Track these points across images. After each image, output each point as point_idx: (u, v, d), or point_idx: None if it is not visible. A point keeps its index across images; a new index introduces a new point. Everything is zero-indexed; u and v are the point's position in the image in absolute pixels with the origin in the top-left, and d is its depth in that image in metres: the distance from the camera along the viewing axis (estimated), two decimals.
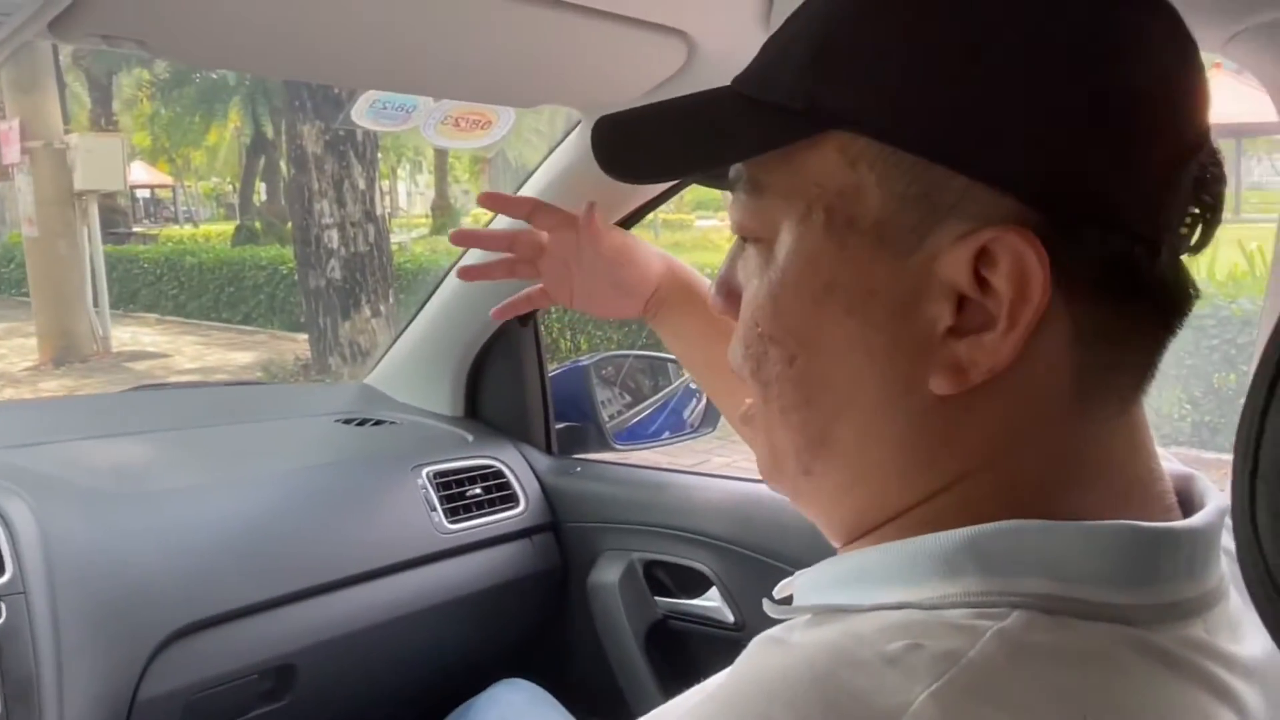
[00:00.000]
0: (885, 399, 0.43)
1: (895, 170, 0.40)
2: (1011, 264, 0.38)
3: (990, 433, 0.42)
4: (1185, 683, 0.38)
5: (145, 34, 0.77)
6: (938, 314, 0.41)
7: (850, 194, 0.42)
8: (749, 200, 0.46)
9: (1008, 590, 0.39)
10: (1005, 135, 0.39)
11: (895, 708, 0.34)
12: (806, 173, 0.43)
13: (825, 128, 0.42)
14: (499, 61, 0.97)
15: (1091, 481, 0.42)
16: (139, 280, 13.12)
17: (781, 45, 0.46)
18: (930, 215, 0.40)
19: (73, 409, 1.73)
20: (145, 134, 18.36)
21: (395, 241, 8.20)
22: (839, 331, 0.43)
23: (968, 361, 0.40)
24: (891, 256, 0.41)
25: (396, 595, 1.30)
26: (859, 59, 0.41)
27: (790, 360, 0.45)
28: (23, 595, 1.00)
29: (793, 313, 0.44)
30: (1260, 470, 0.33)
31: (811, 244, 0.43)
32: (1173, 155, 0.40)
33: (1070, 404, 0.41)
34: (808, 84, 0.42)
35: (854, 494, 0.46)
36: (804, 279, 0.44)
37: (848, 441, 0.45)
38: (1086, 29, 0.39)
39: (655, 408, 1.66)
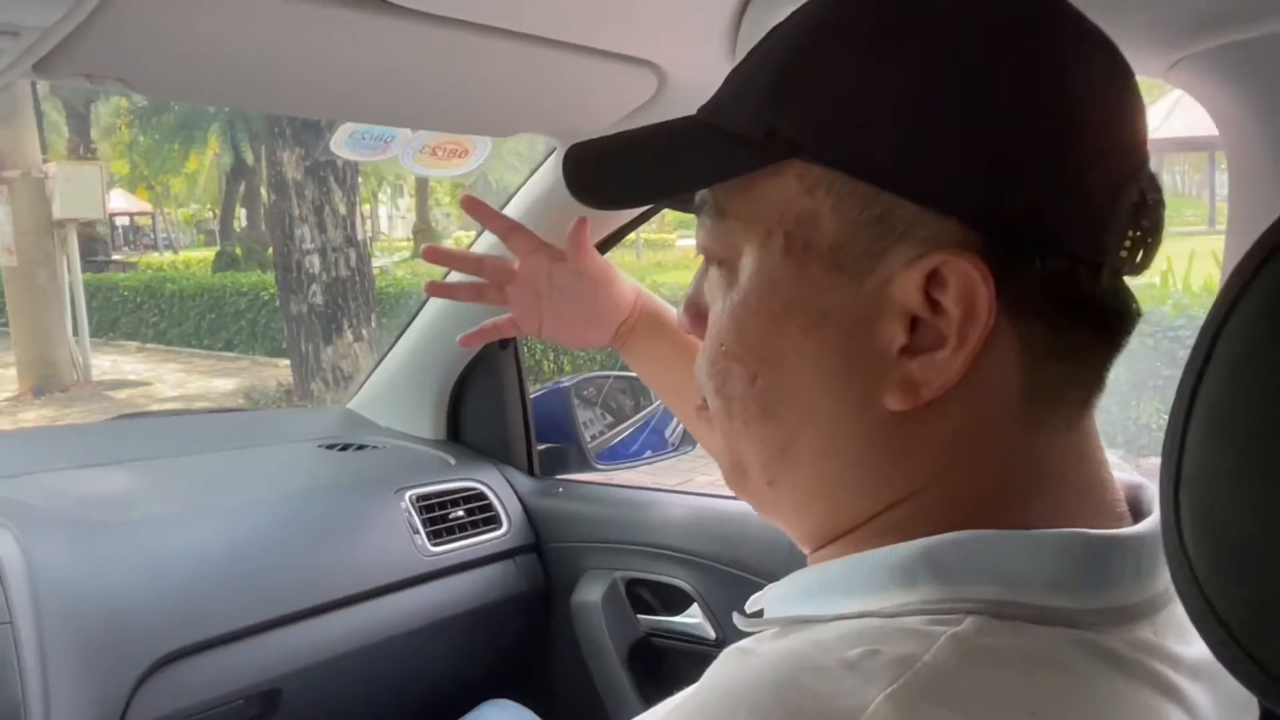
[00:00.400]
0: (842, 415, 0.44)
1: (849, 197, 0.42)
2: (959, 286, 0.40)
3: (943, 446, 0.44)
4: (1133, 682, 0.40)
5: (127, 72, 0.79)
6: (892, 334, 0.42)
7: (808, 219, 0.43)
8: (713, 224, 0.48)
9: (961, 597, 0.40)
10: (948, 164, 0.41)
11: (852, 709, 0.35)
12: (766, 199, 0.45)
13: (783, 157, 0.44)
14: (475, 93, 0.99)
15: (1043, 492, 0.44)
16: (119, 308, 13.05)
17: (742, 78, 0.48)
18: (882, 240, 0.42)
19: (56, 439, 1.73)
20: (124, 161, 18.30)
21: (377, 265, 8.21)
22: (797, 350, 0.45)
23: (920, 379, 0.42)
24: (847, 279, 0.43)
25: (381, 618, 1.31)
26: (812, 92, 0.43)
27: (752, 378, 0.46)
28: (9, 625, 1.00)
29: (753, 332, 0.46)
30: (1183, 479, 0.35)
31: (771, 267, 0.45)
32: (1110, 181, 0.42)
33: (1019, 419, 0.43)
34: (766, 115, 0.44)
35: (815, 504, 0.48)
36: (764, 300, 0.45)
37: (808, 454, 0.46)
38: (1023, 63, 0.42)
39: (636, 427, 1.68)
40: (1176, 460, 0.35)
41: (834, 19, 0.45)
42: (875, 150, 0.42)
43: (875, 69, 0.42)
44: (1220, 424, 0.33)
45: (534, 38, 0.87)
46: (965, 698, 0.37)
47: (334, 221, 6.65)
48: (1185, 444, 0.34)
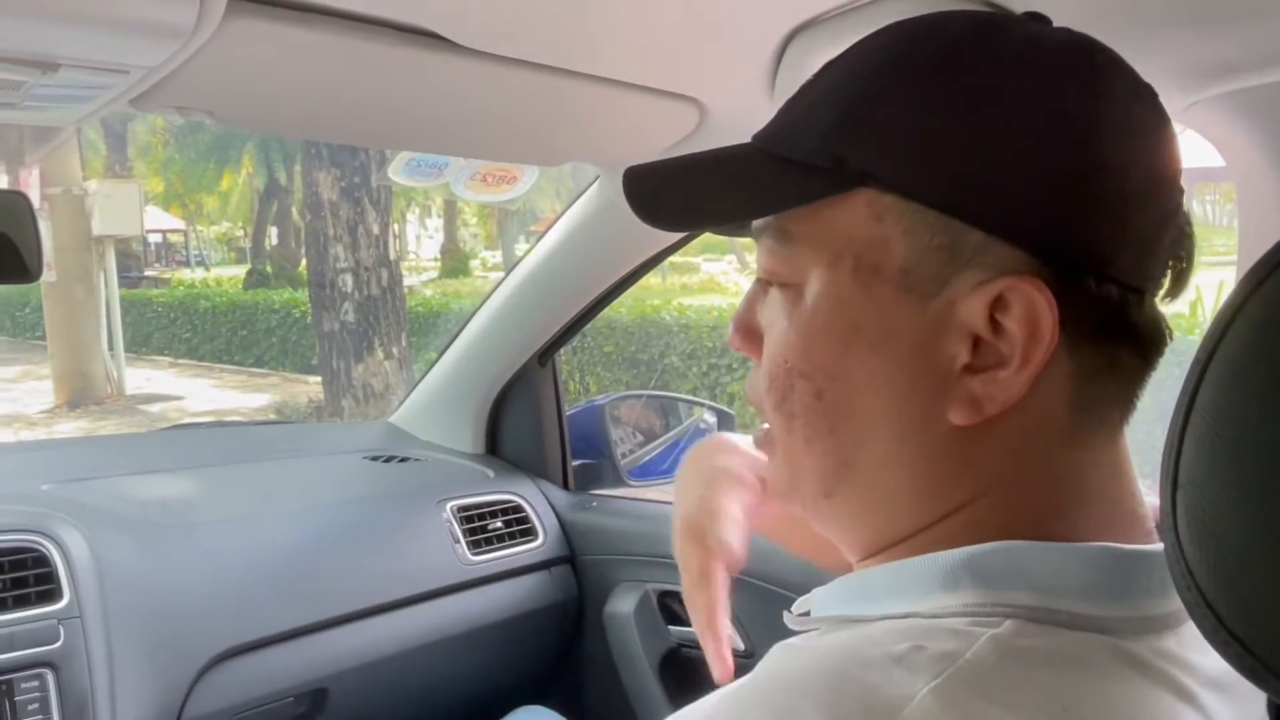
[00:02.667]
0: (905, 429, 0.47)
1: (919, 225, 0.45)
2: (1024, 309, 0.43)
3: (999, 460, 0.46)
4: (1155, 687, 0.42)
5: (215, 105, 0.86)
6: (955, 352, 0.45)
7: (877, 245, 0.46)
8: (778, 247, 0.49)
9: (1001, 601, 0.43)
10: (1017, 198, 0.44)
11: (900, 699, 0.38)
12: (835, 224, 0.47)
13: (853, 185, 0.46)
14: (528, 125, 1.05)
15: (1082, 505, 0.47)
16: (153, 324, 13.19)
17: (803, 109, 0.50)
18: (950, 265, 0.45)
19: (115, 447, 1.80)
20: (159, 179, 18.53)
21: (405, 285, 8.30)
22: (864, 367, 0.47)
23: (983, 395, 0.44)
24: (914, 301, 0.45)
25: (422, 624, 1.37)
26: (883, 124, 0.46)
27: (818, 394, 0.48)
28: (79, 620, 1.06)
29: (821, 350, 0.48)
30: (1180, 484, 0.38)
31: (839, 289, 0.47)
32: (1156, 216, 0.46)
33: (1068, 434, 0.46)
34: (836, 144, 0.46)
35: (872, 515, 0.50)
36: (832, 320, 0.47)
37: (869, 467, 0.48)
38: (1081, 105, 0.45)
39: (667, 445, 1.72)
40: (1174, 468, 0.38)
41: (902, 54, 0.47)
42: (946, 182, 0.44)
43: (944, 104, 0.45)
44: (1211, 436, 0.37)
45: (583, 75, 0.93)
46: (1003, 692, 0.39)
47: (367, 241, 6.73)
48: (1181, 453, 0.38)
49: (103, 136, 16.88)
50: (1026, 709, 0.39)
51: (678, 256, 4.57)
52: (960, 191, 0.44)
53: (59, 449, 1.80)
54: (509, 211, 18.07)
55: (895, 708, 0.38)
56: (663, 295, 11.99)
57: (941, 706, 0.38)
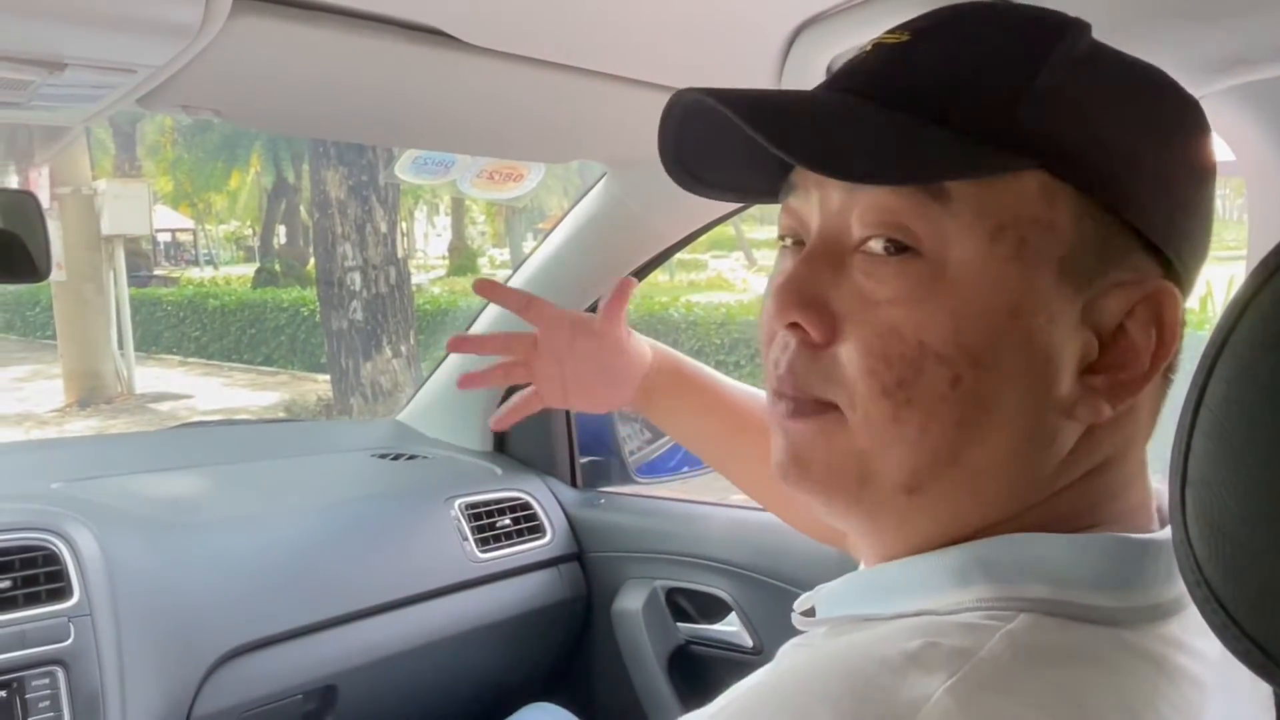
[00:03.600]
0: (1039, 422, 0.45)
1: (1085, 215, 0.45)
2: (1152, 314, 0.45)
3: (1098, 458, 0.47)
4: (1166, 676, 0.43)
5: (221, 104, 0.86)
6: (1089, 348, 0.46)
7: (1044, 226, 0.44)
8: (928, 206, 0.44)
9: (1014, 596, 0.43)
10: (1170, 210, 0.46)
11: (918, 699, 0.38)
12: (1002, 197, 0.44)
13: (1038, 167, 0.44)
14: (535, 123, 1.05)
15: (1120, 497, 0.48)
16: (162, 322, 13.25)
17: (957, 67, 0.46)
18: (1103, 261, 0.45)
19: (125, 445, 1.80)
20: (168, 179, 18.60)
21: (413, 283, 8.32)
22: (1014, 356, 0.44)
23: (1109, 394, 0.45)
24: (1070, 290, 0.45)
25: (431, 621, 1.37)
26: (1070, 112, 0.45)
27: (955, 380, 0.44)
28: (89, 617, 1.06)
29: (973, 332, 0.44)
30: (1189, 479, 0.38)
31: (999, 266, 0.44)
32: (1210, 237, 0.49)
33: (1146, 431, 0.49)
34: (1018, 123, 0.44)
35: (960, 511, 0.47)
36: (991, 300, 0.44)
37: (980, 463, 0.45)
38: (1197, 137, 0.48)
39: (674, 443, 1.72)
40: (1183, 463, 0.38)
41: (1079, 46, 0.46)
42: (1124, 181, 0.45)
43: (1117, 104, 0.46)
44: (1219, 431, 0.37)
45: (589, 71, 0.93)
46: (1019, 688, 0.39)
47: (375, 240, 6.75)
48: (1191, 448, 0.38)
49: (111, 136, 16.94)
50: (1042, 705, 0.39)
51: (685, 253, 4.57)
52: (1133, 192, 0.45)
53: (69, 448, 1.80)
54: (516, 209, 18.09)
55: (913, 707, 0.38)
56: (670, 292, 12.01)
57: (959, 705, 0.38)
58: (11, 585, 1.04)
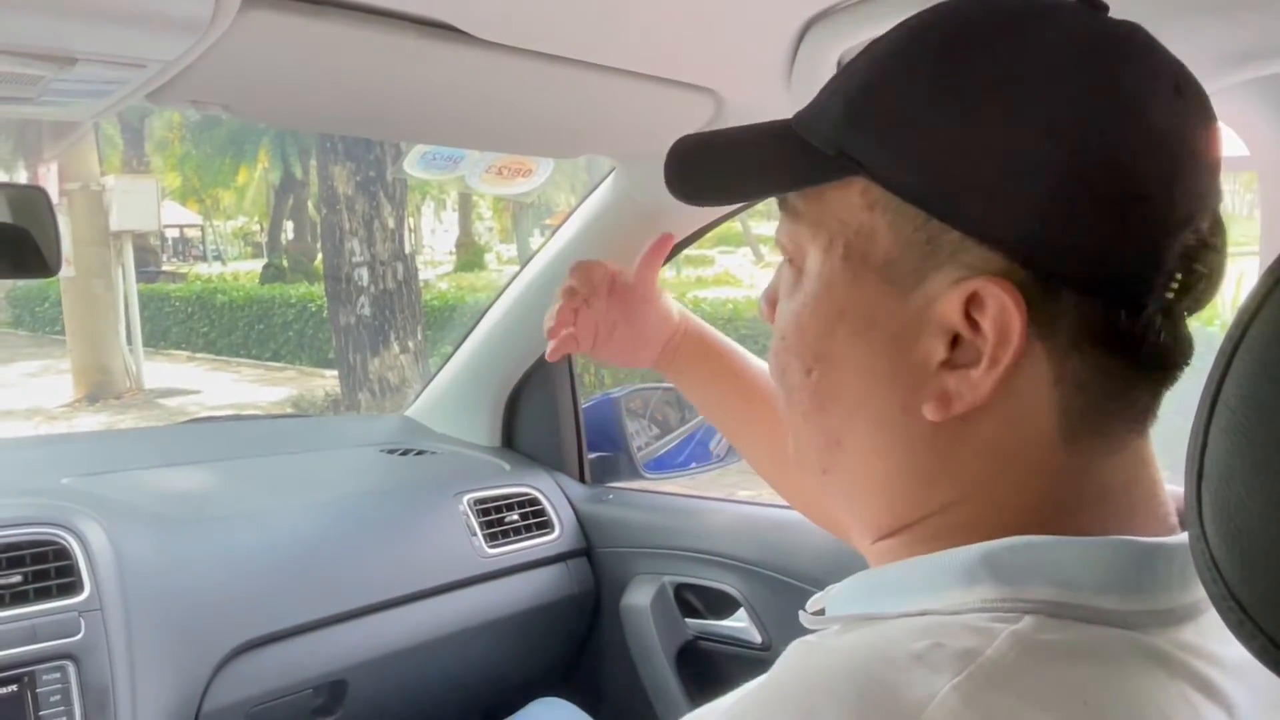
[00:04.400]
0: (886, 417, 0.48)
1: (903, 218, 0.45)
2: (995, 310, 0.43)
3: (980, 458, 0.46)
4: (1176, 679, 0.42)
5: (230, 99, 0.86)
6: (932, 348, 0.45)
7: (866, 233, 0.47)
8: (788, 224, 0.51)
9: (1019, 597, 0.43)
10: (999, 201, 0.43)
11: (923, 698, 0.38)
12: (833, 208, 0.48)
13: (849, 174, 0.47)
14: (544, 118, 1.05)
15: (1089, 505, 0.46)
16: (170, 318, 13.29)
17: (828, 94, 0.51)
18: (930, 260, 0.45)
19: (134, 440, 1.81)
20: (176, 174, 18.64)
21: (421, 279, 8.32)
22: (847, 352, 0.48)
23: (954, 392, 0.45)
24: (896, 292, 0.46)
25: (440, 616, 1.37)
26: (879, 117, 0.46)
27: (808, 371, 0.50)
28: (99, 612, 1.07)
29: (810, 331, 0.50)
30: (1205, 476, 0.37)
31: (830, 272, 0.49)
32: (1161, 227, 0.43)
33: (1055, 439, 0.45)
34: (840, 133, 0.47)
35: (864, 498, 0.51)
36: (821, 302, 0.49)
37: (856, 450, 0.50)
38: (1078, 103, 0.43)
39: (682, 439, 1.72)
40: (1199, 460, 0.37)
41: (903, 49, 0.48)
42: (928, 179, 0.45)
43: (940, 98, 0.45)
44: (1236, 427, 0.36)
45: (599, 66, 0.93)
46: (1025, 688, 0.39)
47: (383, 235, 6.75)
48: (1207, 444, 0.37)
49: (120, 132, 16.98)
50: (1049, 705, 0.39)
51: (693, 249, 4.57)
52: (941, 189, 0.44)
53: (78, 443, 1.81)
54: (524, 205, 18.10)
55: (919, 706, 0.38)
56: (678, 288, 12.00)
57: (965, 704, 0.38)
58: (22, 580, 1.04)
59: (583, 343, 0.99)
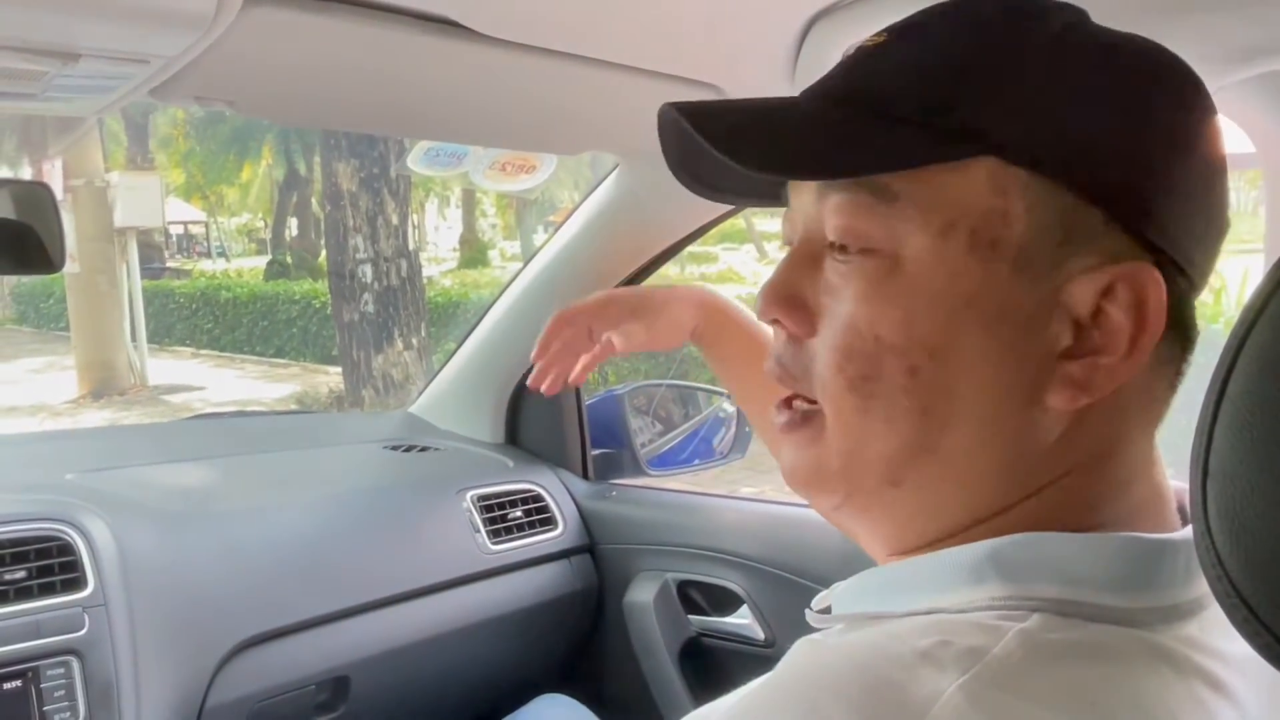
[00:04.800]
0: (1004, 411, 0.45)
1: (1042, 202, 0.44)
2: (1132, 297, 0.44)
3: (1081, 447, 0.46)
4: (1184, 676, 0.42)
5: (234, 95, 0.86)
6: (1058, 335, 0.45)
7: (997, 217, 0.44)
8: (875, 206, 0.46)
9: (1027, 595, 0.43)
10: (1138, 184, 0.44)
11: (928, 696, 0.38)
12: (949, 191, 0.45)
13: (983, 154, 0.44)
14: (547, 114, 1.05)
15: (1126, 493, 0.47)
16: (174, 314, 13.30)
17: (904, 66, 0.47)
18: (1066, 246, 0.44)
19: (138, 436, 1.81)
20: (180, 171, 18.66)
21: (424, 276, 8.32)
22: (973, 345, 0.45)
23: (1084, 381, 0.44)
24: (1029, 280, 0.44)
25: (443, 612, 1.37)
26: (1015, 94, 0.44)
27: (912, 371, 0.45)
28: (103, 607, 1.07)
29: (926, 325, 0.45)
30: (1210, 473, 0.37)
31: (953, 260, 0.45)
32: (1218, 214, 0.47)
33: (1139, 423, 0.47)
34: (961, 108, 0.45)
35: (939, 504, 0.48)
36: (944, 293, 0.45)
37: (954, 451, 0.46)
38: (1183, 105, 0.46)
39: (686, 435, 1.72)
40: (1204, 456, 0.37)
41: (1023, 28, 0.46)
42: (1081, 162, 0.44)
43: (1083, 85, 0.45)
44: (1242, 424, 0.36)
45: (601, 62, 0.92)
46: (1032, 688, 0.39)
47: (386, 232, 6.76)
48: (1212, 441, 0.37)
49: (124, 128, 16.99)
50: (1056, 704, 0.39)
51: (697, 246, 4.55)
52: (1094, 173, 0.44)
53: (82, 439, 1.81)
54: (528, 202, 18.11)
55: (925, 705, 0.38)
56: (680, 285, 11.94)
57: (970, 703, 0.38)
58: (26, 575, 1.04)
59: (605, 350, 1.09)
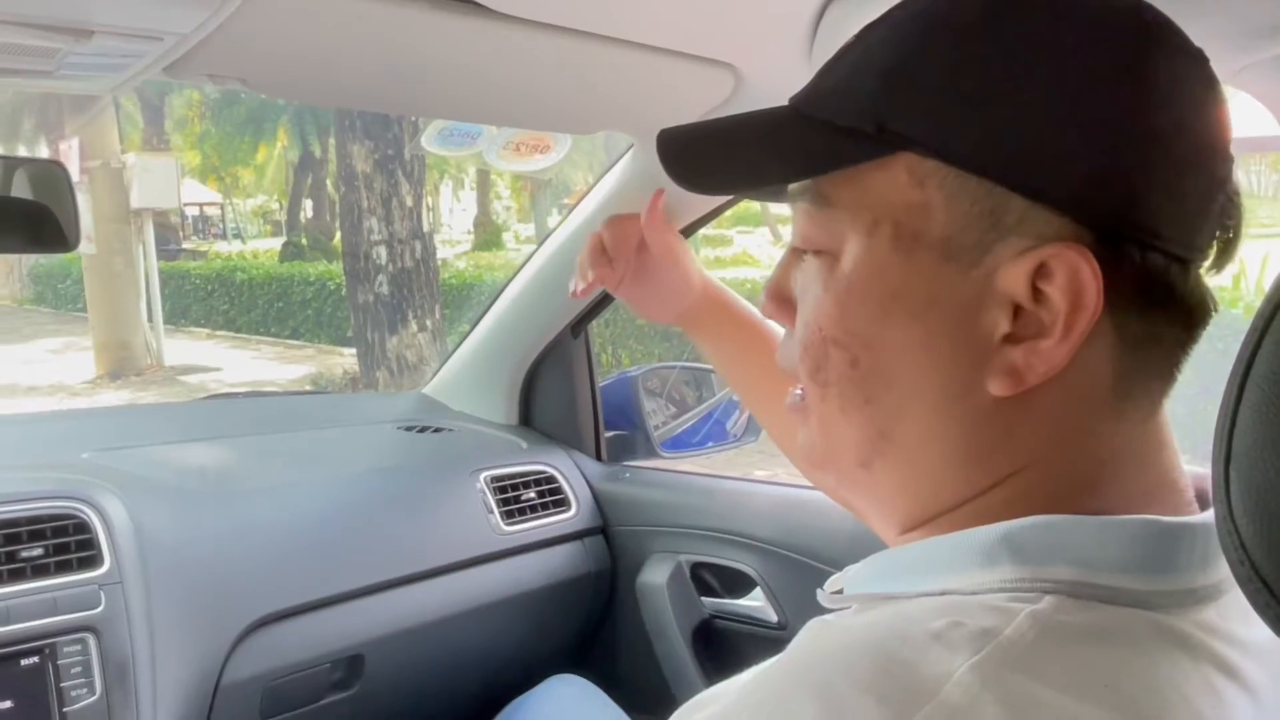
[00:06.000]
0: (945, 399, 0.46)
1: (961, 191, 0.44)
2: (1068, 277, 0.42)
3: (1040, 432, 0.45)
4: (1197, 660, 0.42)
5: (247, 73, 0.85)
6: (995, 322, 0.44)
7: (918, 211, 0.45)
8: (815, 213, 0.49)
9: (1039, 577, 0.42)
10: (1064, 163, 0.43)
11: (939, 676, 0.37)
12: (874, 189, 0.46)
13: (896, 149, 0.45)
14: (561, 92, 1.04)
15: (1126, 477, 0.46)
16: (190, 296, 13.37)
17: (844, 72, 0.49)
18: (992, 232, 0.44)
19: (153, 416, 1.82)
20: (196, 153, 18.73)
21: (438, 258, 8.33)
22: (903, 336, 0.46)
23: (1024, 365, 0.44)
24: (955, 269, 0.45)
25: (457, 592, 1.38)
26: (925, 88, 0.45)
27: (853, 362, 0.48)
28: (119, 585, 1.07)
29: (859, 318, 0.47)
30: (1233, 457, 0.37)
31: (879, 255, 0.46)
32: (1205, 185, 0.45)
33: (1111, 405, 0.45)
34: (879, 108, 0.45)
35: (910, 488, 0.49)
36: (871, 287, 0.47)
37: (908, 438, 0.48)
38: (1130, 68, 0.43)
39: (699, 418, 1.72)
40: (1228, 438, 0.37)
41: (945, 16, 0.46)
42: (988, 147, 0.43)
43: (988, 68, 0.44)
44: (1266, 406, 0.36)
45: (617, 40, 0.91)
46: (1044, 669, 0.39)
47: (401, 214, 6.75)
48: (1236, 424, 0.37)
49: (140, 110, 17.05)
50: (1069, 686, 0.38)
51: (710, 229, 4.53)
52: (1003, 156, 0.43)
53: (99, 418, 1.82)
54: (542, 184, 18.09)
55: (935, 685, 0.37)
56: None
57: (982, 684, 0.37)
58: (43, 553, 1.05)
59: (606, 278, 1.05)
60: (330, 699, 1.26)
